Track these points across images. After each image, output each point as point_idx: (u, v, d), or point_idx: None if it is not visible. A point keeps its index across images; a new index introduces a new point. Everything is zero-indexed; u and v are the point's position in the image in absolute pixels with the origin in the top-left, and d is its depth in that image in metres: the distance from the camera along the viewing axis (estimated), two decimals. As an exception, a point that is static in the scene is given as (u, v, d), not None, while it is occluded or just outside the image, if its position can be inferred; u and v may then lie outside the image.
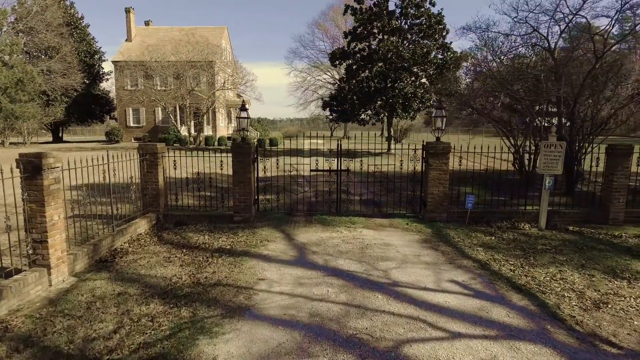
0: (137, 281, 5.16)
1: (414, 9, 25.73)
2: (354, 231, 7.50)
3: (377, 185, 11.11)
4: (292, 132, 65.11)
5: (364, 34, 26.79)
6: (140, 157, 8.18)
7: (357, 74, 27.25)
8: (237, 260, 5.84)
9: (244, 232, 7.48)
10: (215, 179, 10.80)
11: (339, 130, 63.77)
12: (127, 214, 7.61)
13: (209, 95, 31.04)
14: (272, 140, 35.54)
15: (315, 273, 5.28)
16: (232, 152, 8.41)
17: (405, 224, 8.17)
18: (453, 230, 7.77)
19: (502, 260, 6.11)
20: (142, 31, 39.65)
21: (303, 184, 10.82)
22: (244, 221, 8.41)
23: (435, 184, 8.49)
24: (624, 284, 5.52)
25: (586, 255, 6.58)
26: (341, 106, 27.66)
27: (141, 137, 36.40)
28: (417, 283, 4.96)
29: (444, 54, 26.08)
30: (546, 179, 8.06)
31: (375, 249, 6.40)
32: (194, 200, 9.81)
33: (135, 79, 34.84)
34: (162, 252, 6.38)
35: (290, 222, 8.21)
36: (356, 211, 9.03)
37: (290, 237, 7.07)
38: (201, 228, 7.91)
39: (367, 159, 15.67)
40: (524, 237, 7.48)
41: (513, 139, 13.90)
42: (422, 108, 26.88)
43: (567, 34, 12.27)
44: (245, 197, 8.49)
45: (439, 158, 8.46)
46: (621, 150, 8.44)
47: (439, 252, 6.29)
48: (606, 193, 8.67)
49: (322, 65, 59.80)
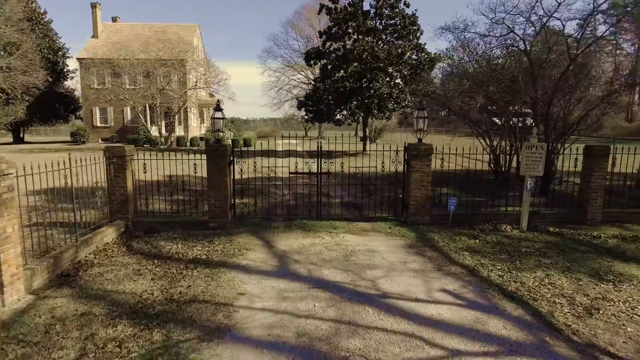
0: (104, 298, 4.70)
1: (388, 10, 25.75)
2: (337, 237, 7.21)
3: (357, 188, 10.87)
4: (266, 132, 64.36)
5: (339, 34, 26.60)
6: (107, 161, 7.62)
7: (332, 73, 27.04)
8: (214, 272, 5.43)
9: (220, 239, 7.06)
10: (189, 182, 10.28)
11: (314, 130, 63.50)
12: (93, 221, 7.06)
13: (180, 94, 30.12)
14: (246, 141, 34.92)
15: (299, 285, 4.94)
16: (207, 154, 7.98)
17: (388, 228, 7.95)
18: (437, 233, 7.60)
19: (489, 265, 5.96)
20: (109, 28, 38.14)
21: (282, 187, 10.45)
22: (220, 227, 7.99)
23: (417, 187, 8.32)
24: (610, 287, 5.47)
25: (570, 257, 6.54)
26: (316, 106, 27.38)
27: (109, 138, 35.00)
28: (407, 293, 4.71)
29: (418, 55, 26.21)
30: (527, 180, 8.02)
31: (360, 256, 6.13)
32: (166, 205, 9.28)
33: (102, 77, 33.40)
34: (131, 264, 5.90)
35: (270, 228, 7.84)
36: (337, 215, 8.75)
37: (270, 245, 6.70)
38: (174, 236, 7.44)
39: (343, 160, 15.38)
40: (507, 240, 7.40)
41: (489, 140, 13.99)
42: (397, 108, 26.92)
43: (542, 36, 12.40)
44: (221, 202, 8.06)
45: (422, 160, 8.29)
46: (598, 151, 8.50)
47: (425, 258, 6.09)
48: (584, 194, 8.73)
49: (296, 65, 59.42)
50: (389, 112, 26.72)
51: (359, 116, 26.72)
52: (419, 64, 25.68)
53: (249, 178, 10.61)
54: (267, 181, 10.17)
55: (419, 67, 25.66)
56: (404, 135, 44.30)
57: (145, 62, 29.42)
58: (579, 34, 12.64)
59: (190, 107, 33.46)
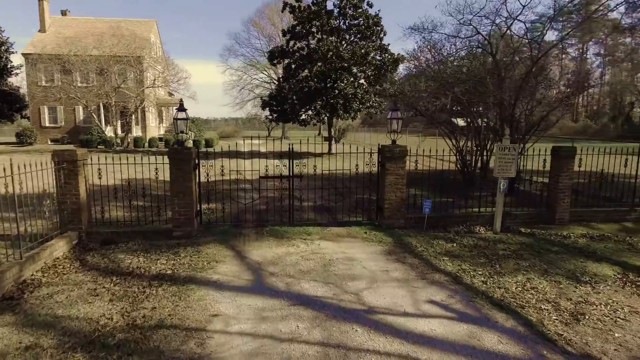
0: (53, 326, 4.10)
1: (352, 10, 25.66)
2: (312, 244, 6.85)
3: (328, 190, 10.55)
4: (228, 132, 62.91)
5: (302, 33, 26.25)
6: (56, 166, 6.87)
7: (296, 73, 26.66)
8: (182, 290, 4.91)
9: (186, 250, 6.52)
10: (150, 186, 9.55)
11: (277, 130, 62.78)
12: (40, 233, 6.32)
13: (137, 93, 28.67)
14: (208, 141, 33.86)
15: (278, 302, 4.54)
16: (170, 158, 7.39)
17: (364, 233, 7.69)
18: (414, 237, 7.42)
19: (470, 270, 5.82)
20: (58, 21, 35.79)
21: (251, 190, 9.95)
22: (185, 236, 7.43)
23: (392, 189, 8.11)
24: (589, 289, 5.46)
25: (545, 258, 6.53)
26: (281, 106, 26.89)
27: (59, 139, 32.86)
28: (394, 307, 4.43)
29: (382, 55, 26.31)
30: (500, 182, 8.00)
31: (339, 265, 5.80)
32: (125, 212, 8.56)
33: (51, 73, 31.18)
34: (86, 282, 5.27)
35: (239, 236, 7.36)
36: (310, 220, 8.39)
37: (242, 256, 6.24)
38: (134, 247, 6.81)
39: (309, 161, 15.07)
40: (483, 242, 7.33)
41: (455, 140, 14.10)
42: (362, 109, 26.91)
43: (507, 38, 12.61)
44: (186, 209, 7.50)
45: (396, 162, 8.08)
46: (566, 152, 8.64)
47: (406, 266, 5.85)
48: (552, 194, 8.85)
49: (259, 64, 58.52)
50: (354, 112, 26.66)
51: (324, 116, 26.47)
52: (382, 65, 25.79)
53: (216, 181, 10.05)
54: (236, 184, 9.63)
55: (383, 67, 25.77)
56: (367, 135, 44.67)
57: (98, 58, 27.76)
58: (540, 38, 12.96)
59: (148, 106, 31.98)
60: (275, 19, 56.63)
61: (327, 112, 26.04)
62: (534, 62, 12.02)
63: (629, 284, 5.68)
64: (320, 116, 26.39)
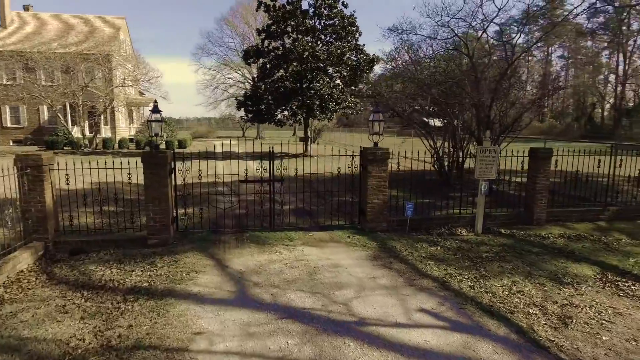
0: (18, 350, 3.75)
1: (327, 9, 25.55)
2: (295, 250, 6.65)
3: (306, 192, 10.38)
4: (202, 132, 61.71)
5: (278, 32, 25.96)
6: (19, 172, 6.41)
7: (272, 73, 26.34)
8: (160, 305, 4.61)
9: (163, 260, 6.19)
10: (122, 190, 9.04)
11: (251, 130, 62.04)
12: (2, 244, 5.87)
13: (106, 92, 27.62)
14: (181, 142, 33.05)
15: (265, 316, 4.31)
16: (144, 162, 7.03)
17: (347, 237, 7.55)
18: (397, 241, 7.33)
19: (457, 275, 5.77)
20: (20, 17, 34.09)
21: (230, 194, 9.65)
22: (161, 244, 7.08)
23: (374, 192, 8.01)
24: (572, 290, 5.51)
25: (527, 260, 6.58)
26: (256, 106, 26.49)
27: (22, 140, 31.34)
28: (386, 317, 4.29)
29: (357, 56, 26.32)
30: (481, 184, 8.03)
31: (325, 273, 5.62)
32: (95, 218, 8.10)
33: (12, 71, 29.58)
34: (54, 298, 4.90)
35: (219, 243, 7.08)
36: (291, 225, 8.18)
37: (222, 265, 5.97)
38: (107, 257, 6.42)
39: (285, 162, 14.78)
40: (466, 245, 7.32)
41: (432, 141, 14.18)
42: (338, 109, 26.84)
43: (483, 40, 12.77)
44: (162, 215, 7.15)
45: (378, 165, 7.98)
46: (543, 154, 8.77)
47: (393, 272, 5.74)
48: (530, 195, 8.97)
49: (232, 63, 57.74)
50: (330, 112, 26.56)
51: (300, 117, 26.25)
52: (358, 65, 25.80)
53: (193, 184, 9.68)
54: (214, 187, 9.28)
55: (359, 68, 25.78)
56: (342, 135, 44.66)
57: (64, 56, 26.57)
58: (515, 41, 13.23)
59: (117, 106, 30.89)
60: (249, 17, 56.02)
61: (303, 113, 25.84)
62: (510, 64, 12.23)
63: (609, 284, 5.77)
64: (297, 117, 26.16)
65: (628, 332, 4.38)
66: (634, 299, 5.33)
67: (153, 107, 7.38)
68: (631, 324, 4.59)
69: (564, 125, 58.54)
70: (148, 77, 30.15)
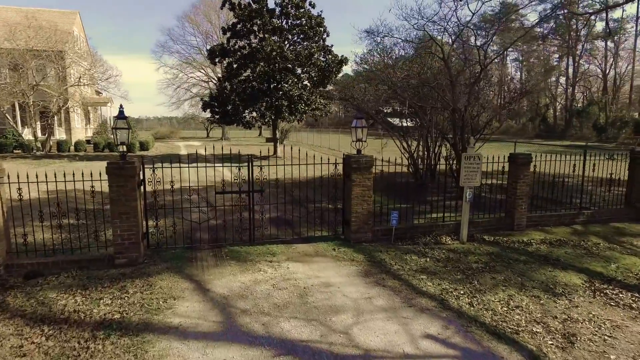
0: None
1: (294, 9, 25.08)
2: (280, 268, 6.20)
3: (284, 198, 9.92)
4: (164, 133, 59.60)
5: (244, 31, 25.24)
6: (-38, 188, 5.60)
7: (238, 73, 25.58)
8: (136, 343, 4.04)
9: (135, 284, 5.57)
10: (84, 199, 8.12)
11: (216, 130, 60.49)
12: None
13: (60, 91, 25.87)
14: (142, 144, 31.63)
15: (259, 353, 3.84)
16: (110, 174, 6.35)
17: (332, 250, 7.18)
18: (385, 253, 7.05)
19: (452, 290, 5.54)
20: (-42, 8, 31.39)
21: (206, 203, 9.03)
22: (130, 264, 6.44)
23: (359, 202, 7.69)
24: (567, 302, 5.44)
25: (517, 270, 6.48)
26: (223, 107, 25.65)
27: (-36, 143, 28.81)
28: (392, 348, 3.95)
29: (326, 57, 26.03)
30: (466, 191, 7.90)
31: (317, 294, 5.21)
32: (54, 233, 7.20)
33: (-49, 68, 27.22)
34: (7, 337, 4.23)
35: (196, 261, 6.52)
36: (272, 237, 7.70)
37: (203, 288, 5.43)
38: (69, 281, 5.73)
39: (257, 165, 14.06)
40: (453, 255, 7.15)
41: (406, 144, 14.10)
42: (307, 110, 26.45)
43: (457, 44, 12.78)
44: (130, 232, 6.50)
45: (362, 173, 7.66)
46: (522, 159, 8.77)
47: (388, 290, 5.42)
48: (511, 201, 8.95)
49: (195, 62, 56.11)
50: (300, 114, 26.13)
51: (269, 118, 25.64)
52: (327, 66, 25.50)
53: (164, 191, 8.97)
54: (188, 197, 8.60)
55: (327, 69, 25.49)
56: (309, 135, 44.29)
57: (11, 52, 24.63)
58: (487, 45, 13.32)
59: (73, 106, 29.06)
60: (211, 15, 54.58)
61: (272, 114, 25.27)
62: (483, 68, 12.30)
63: (598, 293, 5.75)
64: (265, 118, 25.55)
65: (632, 349, 4.28)
66: (626, 308, 5.31)
67: (118, 113, 6.70)
68: (632, 339, 4.52)
69: (520, 125, 61.01)
70: (106, 75, 28.56)
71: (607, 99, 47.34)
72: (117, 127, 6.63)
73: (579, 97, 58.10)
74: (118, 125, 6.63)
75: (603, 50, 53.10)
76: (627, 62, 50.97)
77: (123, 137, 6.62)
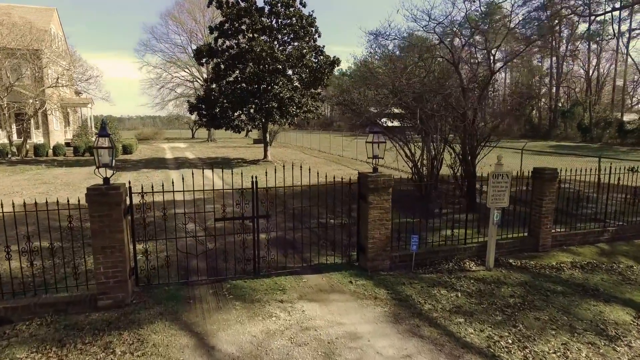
0: None
1: (284, 8, 24.11)
2: (294, 311, 5.30)
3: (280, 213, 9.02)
4: (148, 134, 57.76)
5: (232, 31, 24.19)
6: None
7: (226, 74, 24.52)
8: None
9: (122, 338, 4.62)
10: (58, 217, 6.60)
11: (201, 131, 58.89)
12: None
13: (36, 93, 24.38)
14: (125, 148, 30.25)
15: None
16: (90, 202, 5.37)
17: (349, 283, 6.33)
18: (409, 286, 6.23)
19: (499, 339, 4.76)
20: None
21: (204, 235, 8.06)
22: (116, 305, 5.49)
23: (376, 226, 6.85)
24: (626, 349, 4.75)
25: (558, 305, 5.78)
26: (211, 110, 24.51)
27: None
28: None
29: (317, 58, 25.14)
30: (494, 213, 7.13)
31: (345, 352, 4.33)
32: (23, 262, 5.91)
33: None
34: None
35: (194, 302, 5.58)
36: (279, 267, 6.78)
37: (206, 344, 4.50)
38: (41, 333, 4.77)
39: (244, 170, 13.00)
40: (483, 286, 6.39)
41: (409, 151, 13.36)
42: (299, 113, 25.52)
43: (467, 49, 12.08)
44: (116, 269, 5.54)
45: (380, 194, 6.83)
46: (549, 175, 8.06)
47: (427, 342, 4.59)
48: (535, 219, 8.24)
49: (180, 61, 54.58)
50: (291, 117, 25.20)
51: (259, 122, 24.62)
52: (319, 67, 24.61)
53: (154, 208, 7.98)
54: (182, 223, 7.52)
55: (319, 70, 24.59)
56: (299, 136, 43.29)
57: (-18, 51, 23.11)
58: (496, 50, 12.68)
59: (50, 108, 27.54)
60: (196, 13, 53.19)
61: (262, 117, 24.27)
62: (493, 73, 11.65)
63: (652, 332, 5.07)
64: (255, 121, 24.54)
65: None
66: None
67: (100, 130, 5.71)
68: None
69: (505, 125, 61.12)
70: (86, 76, 27.13)
71: (591, 100, 47.65)
72: (98, 146, 5.64)
73: (562, 98, 58.47)
74: (100, 144, 5.64)
75: (586, 52, 53.53)
76: (610, 63, 51.53)
77: (106, 158, 5.63)
